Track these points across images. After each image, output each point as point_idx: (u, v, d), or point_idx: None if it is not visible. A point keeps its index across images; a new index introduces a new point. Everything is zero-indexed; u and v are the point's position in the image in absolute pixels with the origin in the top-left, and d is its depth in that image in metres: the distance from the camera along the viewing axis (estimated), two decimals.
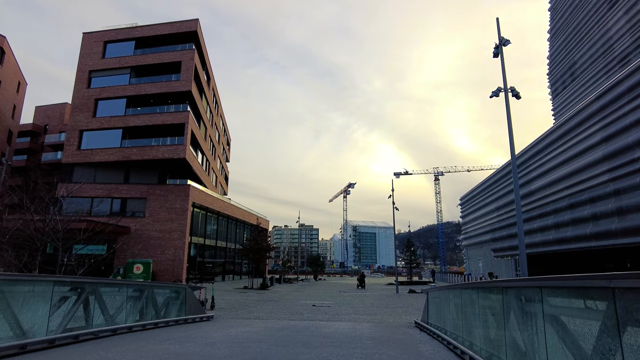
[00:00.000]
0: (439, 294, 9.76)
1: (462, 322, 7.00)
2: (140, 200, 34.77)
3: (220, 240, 44.52)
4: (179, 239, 33.58)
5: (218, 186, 54.47)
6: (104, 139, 35.71)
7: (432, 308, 10.54)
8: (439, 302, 9.63)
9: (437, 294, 10.07)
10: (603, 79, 56.77)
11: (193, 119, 36.41)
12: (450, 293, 8.70)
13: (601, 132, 28.18)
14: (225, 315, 15.02)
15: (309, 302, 21.52)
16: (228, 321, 12.86)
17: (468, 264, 70.65)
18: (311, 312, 16.49)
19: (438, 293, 9.83)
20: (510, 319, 4.61)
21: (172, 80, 36.06)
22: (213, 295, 18.29)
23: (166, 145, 34.36)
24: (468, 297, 6.82)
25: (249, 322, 12.78)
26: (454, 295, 8.20)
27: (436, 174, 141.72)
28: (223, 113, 57.59)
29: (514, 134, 12.73)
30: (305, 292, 30.17)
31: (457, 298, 7.96)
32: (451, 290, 8.37)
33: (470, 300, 6.69)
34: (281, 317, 14.56)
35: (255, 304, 20.01)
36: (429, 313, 10.85)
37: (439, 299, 9.65)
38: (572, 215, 32.47)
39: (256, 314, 15.88)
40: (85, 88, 36.86)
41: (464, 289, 7.11)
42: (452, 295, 8.28)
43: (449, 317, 8.34)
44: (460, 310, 7.35)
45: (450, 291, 8.56)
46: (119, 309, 8.98)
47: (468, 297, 6.82)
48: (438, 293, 9.83)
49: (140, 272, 30.23)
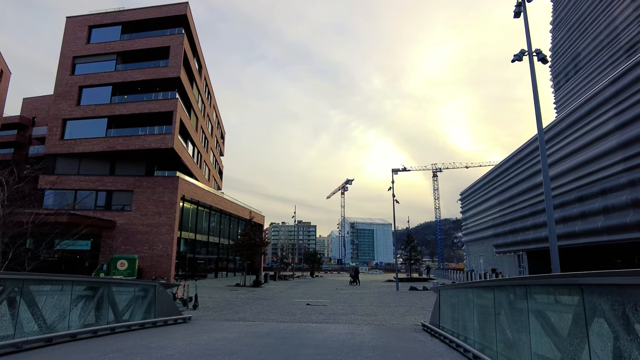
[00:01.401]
0: (454, 293, 8.05)
1: (495, 332, 5.29)
2: (127, 192, 32.95)
3: (212, 235, 42.76)
4: (167, 233, 31.81)
5: (211, 180, 52.64)
6: (89, 129, 33.83)
7: (446, 310, 8.84)
8: (455, 303, 7.92)
9: (452, 293, 8.37)
10: (608, 70, 55.12)
11: (182, 107, 34.55)
12: (470, 292, 7.01)
13: (615, 119, 26.50)
14: (206, 316, 13.30)
15: (303, 301, 19.86)
16: (207, 324, 11.15)
17: (468, 261, 69.13)
18: (304, 313, 14.80)
19: (454, 292, 8.13)
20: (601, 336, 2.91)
21: (160, 67, 34.16)
22: (197, 293, 16.57)
23: (153, 135, 32.51)
24: (505, 299, 5.11)
25: (231, 325, 11.06)
26: (478, 296, 6.49)
27: (434, 170, 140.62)
28: (216, 104, 55.68)
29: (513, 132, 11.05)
30: (300, 290, 28.50)
31: (483, 299, 6.26)
32: (474, 289, 6.66)
33: (508, 303, 4.98)
34: (269, 319, 12.86)
35: (244, 303, 18.32)
36: (441, 315, 9.16)
37: (455, 300, 7.94)
38: (582, 209, 30.84)
39: (242, 314, 14.18)
40: (68, 75, 34.92)
41: (497, 287, 5.39)
42: (475, 295, 6.58)
43: (471, 322, 6.63)
44: (490, 315, 5.63)
45: (471, 290, 6.86)
46: (63, 313, 7.24)
47: (505, 298, 5.11)
48: (454, 292, 8.13)
49: (124, 268, 28.45)
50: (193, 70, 39.42)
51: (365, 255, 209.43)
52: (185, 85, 35.22)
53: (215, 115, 55.71)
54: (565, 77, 69.73)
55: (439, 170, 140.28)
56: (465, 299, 7.21)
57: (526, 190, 42.29)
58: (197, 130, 41.37)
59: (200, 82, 43.54)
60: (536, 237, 39.13)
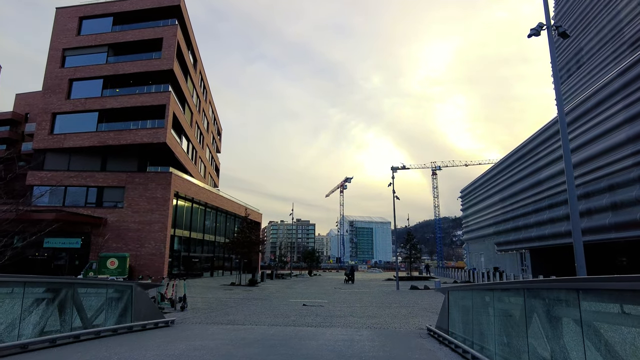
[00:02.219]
0: (467, 295, 7.03)
1: (527, 345, 4.27)
2: (118, 189, 31.92)
3: (208, 233, 41.73)
4: (160, 231, 30.79)
5: (207, 177, 51.57)
6: (79, 123, 32.74)
7: (456, 313, 7.82)
8: (468, 306, 6.90)
9: (464, 295, 7.35)
10: (612, 65, 54.13)
11: (175, 101, 33.46)
12: (488, 295, 6.00)
13: (624, 112, 25.52)
14: (193, 319, 12.28)
15: (299, 301, 18.84)
16: (190, 328, 10.13)
17: (469, 259, 68.21)
18: (299, 314, 13.78)
19: (467, 294, 7.10)
20: None
21: (153, 59, 33.06)
22: (185, 293, 15.53)
23: (146, 129, 31.43)
24: (541, 305, 4.08)
25: (216, 329, 10.04)
26: (500, 300, 5.48)
27: (433, 169, 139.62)
28: (212, 100, 54.56)
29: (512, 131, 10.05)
30: (297, 289, 27.50)
31: (507, 304, 5.25)
32: (494, 291, 5.63)
33: (545, 311, 3.96)
34: (261, 322, 11.84)
35: (236, 304, 17.29)
36: (451, 319, 8.14)
37: (468, 302, 6.92)
38: (588, 205, 29.86)
39: (233, 316, 13.16)
40: (58, 68, 33.81)
41: (529, 290, 4.36)
42: (496, 299, 5.56)
43: (490, 330, 5.61)
44: (517, 324, 4.62)
45: (490, 293, 5.84)
46: (12, 321, 6.21)
47: (540, 305, 4.09)
48: (467, 294, 7.10)
49: (114, 267, 27.38)
50: (187, 64, 38.31)
51: (365, 253, 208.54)
52: (178, 78, 34.12)
53: (212, 111, 54.61)
54: (567, 72, 68.75)
55: (438, 169, 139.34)
56: (482, 302, 6.19)
57: (529, 186, 41.31)
58: (191, 125, 40.28)
59: (195, 76, 42.43)
60: (539, 235, 38.17)
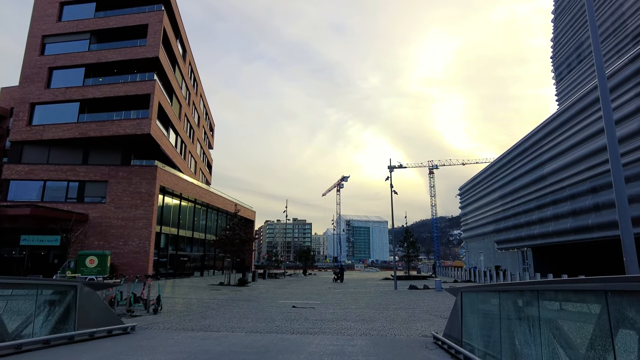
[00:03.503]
0: (492, 298, 5.43)
1: None
2: (101, 183, 30.18)
3: (198, 231, 40.05)
4: (144, 227, 29.10)
5: (198, 173, 49.84)
6: (59, 114, 30.97)
7: (472, 320, 6.24)
8: (493, 313, 5.31)
9: (486, 298, 5.76)
10: (614, 58, 52.81)
11: (161, 91, 31.74)
12: (521, 298, 4.42)
13: (636, 100, 24.07)
14: (162, 324, 10.64)
15: (289, 302, 17.23)
16: (151, 336, 8.50)
17: (467, 258, 66.77)
18: (286, 318, 12.17)
19: (491, 297, 5.50)
20: None
21: (138, 46, 31.32)
22: (160, 295, 13.89)
23: (129, 120, 29.70)
24: None
25: (182, 338, 8.42)
26: (544, 308, 3.88)
27: (430, 167, 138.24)
28: (204, 94, 52.79)
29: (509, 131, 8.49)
30: (289, 289, 25.88)
31: (557, 312, 3.66)
32: (539, 294, 4.03)
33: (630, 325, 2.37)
34: (240, 327, 10.23)
35: (219, 306, 15.66)
36: (465, 327, 6.55)
37: (493, 308, 5.33)
38: (595, 200, 28.43)
39: (210, 320, 11.55)
40: (37, 56, 32.00)
41: (617, 294, 2.76)
42: (541, 307, 3.95)
43: (531, 349, 4.01)
44: (589, 342, 3.03)
45: (529, 295, 4.24)
46: None
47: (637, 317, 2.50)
48: (491, 297, 5.50)
49: (94, 265, 25.65)
50: (175, 54, 36.59)
51: (361, 253, 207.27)
52: (165, 67, 32.41)
53: (203, 105, 52.85)
54: (567, 67, 67.39)
55: (435, 167, 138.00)
56: (515, 309, 4.60)
57: (531, 182, 39.84)
58: (180, 118, 38.55)
59: (184, 67, 40.69)
60: (542, 232, 36.71)
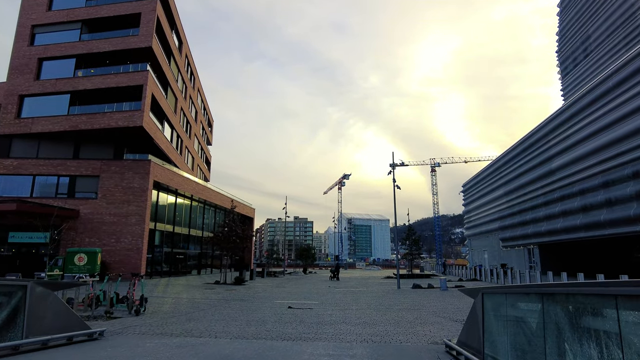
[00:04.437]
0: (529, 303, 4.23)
1: None
2: (92, 178, 29.04)
3: (194, 228, 38.94)
4: (137, 224, 27.98)
5: (196, 169, 48.73)
6: (49, 106, 29.84)
7: (498, 328, 5.06)
8: (529, 322, 4.12)
9: (517, 302, 4.56)
10: (622, 52, 51.44)
11: (155, 82, 30.58)
12: (582, 306, 3.24)
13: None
14: (140, 328, 9.50)
15: (285, 302, 16.09)
16: (120, 344, 7.36)
17: (471, 256, 65.53)
18: (279, 320, 11.02)
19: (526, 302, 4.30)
20: None
21: (130, 36, 30.16)
22: (143, 294, 12.77)
23: (121, 112, 28.54)
24: None
25: (154, 345, 7.27)
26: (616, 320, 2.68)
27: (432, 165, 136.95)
28: (202, 88, 51.62)
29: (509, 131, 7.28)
30: (287, 288, 24.74)
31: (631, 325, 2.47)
32: (591, 301, 2.83)
33: None
34: (226, 332, 9.09)
35: (210, 306, 14.53)
36: (487, 336, 5.38)
37: (531, 317, 4.14)
38: (607, 195, 27.18)
39: (194, 323, 10.41)
40: (26, 46, 30.86)
41: None
42: (596, 315, 2.76)
43: None
44: None
45: (583, 303, 3.05)
46: None
47: None
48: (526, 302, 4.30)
49: (83, 263, 24.35)
50: (171, 45, 35.42)
51: (363, 251, 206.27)
52: (159, 57, 31.25)
53: (201, 99, 51.69)
54: (573, 62, 65.99)
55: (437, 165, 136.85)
56: (569, 319, 3.41)
57: (539, 177, 38.58)
58: (176, 112, 37.39)
59: (180, 59, 39.51)
60: (550, 229, 35.48)
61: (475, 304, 6.06)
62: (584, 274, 16.75)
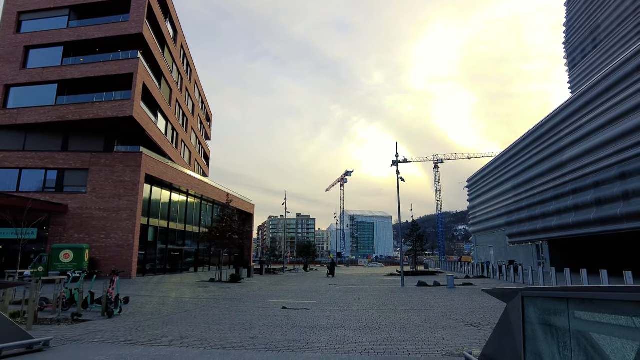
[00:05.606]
0: (618, 316, 2.77)
1: None
2: (81, 171, 27.74)
3: (191, 224, 37.61)
4: (128, 219, 26.68)
5: (194, 164, 47.39)
6: (36, 96, 28.55)
7: (551, 347, 3.63)
8: (612, 341, 2.66)
9: (581, 310, 3.11)
10: (633, 41, 49.63)
11: (147, 71, 29.19)
12: None
13: None
14: (103, 334, 8.13)
15: (280, 302, 14.72)
16: (62, 357, 5.98)
17: (476, 252, 64.00)
18: (268, 324, 9.63)
19: (612, 313, 2.84)
20: None
21: (120, 22, 28.76)
22: (118, 294, 11.42)
23: (110, 102, 27.20)
24: None
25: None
26: None
27: (436, 162, 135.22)
28: (199, 81, 50.20)
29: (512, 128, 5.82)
30: (285, 286, 23.36)
31: None
32: None
33: None
34: (203, 339, 7.70)
35: (196, 307, 13.17)
36: (530, 354, 3.95)
37: (605, 331, 2.68)
38: (624, 187, 25.63)
39: (170, 328, 9.03)
40: (12, 33, 29.54)
41: None
42: None
43: None
44: None
45: None
46: None
47: None
48: (612, 313, 2.84)
49: (69, 260, 23.21)
50: (164, 33, 33.99)
51: (366, 248, 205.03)
52: (151, 45, 29.85)
53: (198, 92, 50.28)
54: (581, 53, 64.13)
55: (440, 162, 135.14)
56: None
57: (548, 170, 37.01)
58: (170, 104, 36.00)
59: (175, 49, 38.09)
60: (561, 224, 33.92)
61: (510, 310, 4.62)
62: (606, 271, 15.28)
